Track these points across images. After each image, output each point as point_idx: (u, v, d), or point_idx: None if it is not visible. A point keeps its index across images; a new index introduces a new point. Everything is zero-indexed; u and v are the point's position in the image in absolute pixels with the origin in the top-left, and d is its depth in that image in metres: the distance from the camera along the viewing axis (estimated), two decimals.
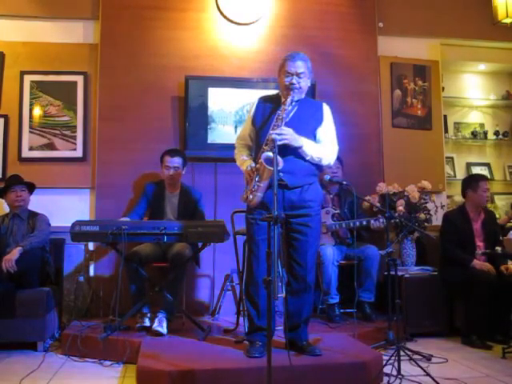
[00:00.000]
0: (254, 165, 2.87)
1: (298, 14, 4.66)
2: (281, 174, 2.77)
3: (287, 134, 2.80)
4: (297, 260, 2.96)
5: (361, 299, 3.91)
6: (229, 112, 4.38)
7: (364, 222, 3.94)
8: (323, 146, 3.00)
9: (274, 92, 3.19)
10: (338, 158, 4.17)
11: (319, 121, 3.03)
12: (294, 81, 2.93)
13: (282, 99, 2.98)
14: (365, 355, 2.91)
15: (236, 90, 4.39)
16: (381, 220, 3.85)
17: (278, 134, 2.75)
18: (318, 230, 3.07)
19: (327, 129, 3.05)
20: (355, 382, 2.76)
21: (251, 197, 2.81)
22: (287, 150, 2.83)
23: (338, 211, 4.15)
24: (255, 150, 3.02)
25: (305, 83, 2.99)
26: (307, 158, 2.93)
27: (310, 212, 2.95)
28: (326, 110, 3.09)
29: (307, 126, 2.99)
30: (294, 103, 2.93)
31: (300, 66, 2.95)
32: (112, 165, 4.29)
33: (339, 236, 4.13)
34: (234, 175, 3.15)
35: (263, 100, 3.10)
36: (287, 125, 2.84)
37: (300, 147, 2.88)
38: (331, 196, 4.25)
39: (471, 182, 4.13)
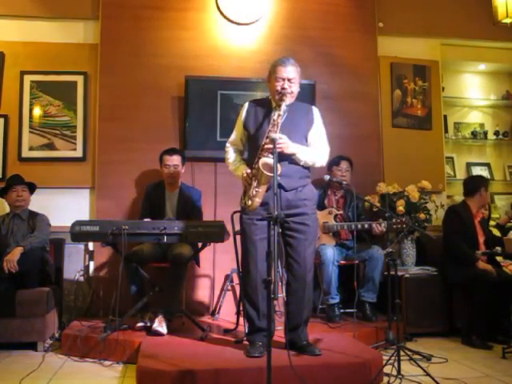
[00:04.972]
0: (249, 170, 2.88)
1: (298, 13, 4.66)
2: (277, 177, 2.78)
3: (283, 143, 2.80)
4: (296, 259, 2.96)
5: (363, 299, 3.91)
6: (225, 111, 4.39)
7: (366, 225, 3.94)
8: (315, 150, 3.02)
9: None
10: (349, 161, 4.20)
11: (310, 124, 3.05)
12: (286, 86, 2.93)
13: (273, 104, 2.99)
14: (365, 355, 2.91)
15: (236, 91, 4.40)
16: (382, 224, 3.85)
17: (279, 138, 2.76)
18: (315, 228, 3.10)
19: (318, 131, 3.07)
20: (355, 382, 2.76)
21: (250, 202, 2.82)
22: (282, 156, 2.83)
23: (340, 212, 4.14)
24: (250, 153, 3.04)
25: (296, 88, 3.00)
26: (301, 163, 2.96)
27: (307, 211, 2.97)
28: (316, 112, 3.11)
29: (299, 129, 3.01)
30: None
31: (291, 72, 2.96)
32: (112, 165, 4.29)
33: (341, 238, 4.13)
34: (234, 175, 3.15)
35: (254, 104, 3.10)
36: (280, 129, 2.85)
37: (293, 154, 2.90)
38: (336, 197, 4.25)
39: (486, 183, 4.14)
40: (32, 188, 3.94)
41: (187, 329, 3.58)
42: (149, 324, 3.49)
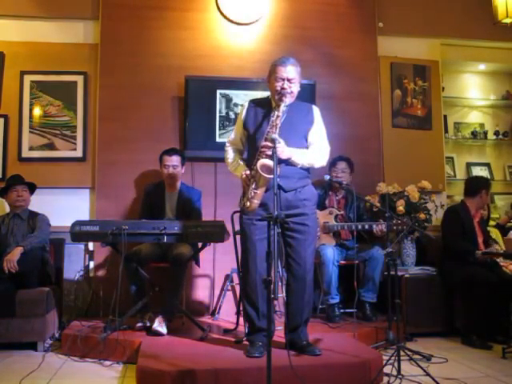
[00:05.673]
0: (248, 171, 2.88)
1: (298, 13, 4.66)
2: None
3: (278, 147, 2.75)
4: (296, 259, 2.96)
5: (363, 299, 3.91)
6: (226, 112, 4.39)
7: (366, 226, 3.94)
8: (313, 151, 3.01)
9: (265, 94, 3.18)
10: (348, 161, 4.19)
11: (310, 123, 3.04)
12: (286, 86, 2.92)
13: (273, 104, 2.98)
14: (365, 355, 2.91)
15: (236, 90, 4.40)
16: (383, 225, 3.85)
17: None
18: (314, 228, 3.09)
19: (318, 131, 3.06)
20: (355, 382, 2.76)
21: (248, 204, 2.83)
22: (279, 160, 2.81)
23: (341, 212, 4.14)
24: (250, 153, 3.03)
25: (296, 88, 2.99)
26: (298, 166, 2.95)
27: (306, 211, 2.97)
28: (316, 112, 3.10)
29: (299, 129, 3.00)
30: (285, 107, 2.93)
31: (291, 72, 2.94)
32: (112, 165, 4.29)
33: (341, 238, 4.12)
34: (234, 175, 3.15)
35: (254, 104, 3.09)
36: (280, 129, 2.83)
37: (289, 159, 2.87)
38: (337, 198, 4.25)
39: (488, 185, 4.14)
40: (32, 188, 3.94)
41: (187, 329, 3.59)
42: (149, 324, 3.49)
